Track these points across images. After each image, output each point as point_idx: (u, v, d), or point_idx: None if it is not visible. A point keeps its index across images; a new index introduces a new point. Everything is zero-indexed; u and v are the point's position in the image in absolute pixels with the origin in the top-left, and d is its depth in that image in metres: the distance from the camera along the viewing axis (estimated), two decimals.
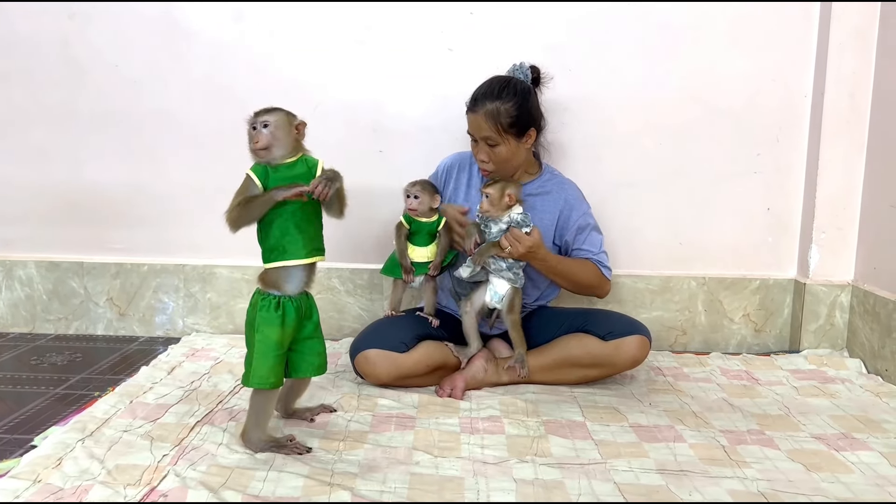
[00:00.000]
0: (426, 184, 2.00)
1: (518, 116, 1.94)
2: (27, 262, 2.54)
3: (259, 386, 1.52)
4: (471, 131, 1.97)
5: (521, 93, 1.96)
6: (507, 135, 1.93)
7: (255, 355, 1.51)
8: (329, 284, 2.49)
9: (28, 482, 1.38)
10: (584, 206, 2.07)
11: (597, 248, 2.05)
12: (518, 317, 1.97)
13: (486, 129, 1.92)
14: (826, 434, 1.70)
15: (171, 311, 2.54)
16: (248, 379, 1.53)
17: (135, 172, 2.48)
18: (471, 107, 1.96)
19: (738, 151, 2.41)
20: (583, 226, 2.05)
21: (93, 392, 1.94)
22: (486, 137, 1.94)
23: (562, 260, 2.00)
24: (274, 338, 1.52)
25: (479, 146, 1.96)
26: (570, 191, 2.08)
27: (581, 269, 2.02)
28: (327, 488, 1.39)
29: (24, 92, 2.46)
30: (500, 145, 1.94)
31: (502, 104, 1.92)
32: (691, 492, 1.41)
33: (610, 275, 2.06)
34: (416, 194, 1.97)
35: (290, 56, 2.39)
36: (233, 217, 1.51)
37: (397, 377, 1.93)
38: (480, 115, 1.92)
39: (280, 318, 1.52)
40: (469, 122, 1.97)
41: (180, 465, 1.47)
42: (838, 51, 2.27)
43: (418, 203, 1.96)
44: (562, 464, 1.52)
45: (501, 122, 1.92)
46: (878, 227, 2.26)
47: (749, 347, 2.48)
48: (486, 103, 1.92)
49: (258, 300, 1.54)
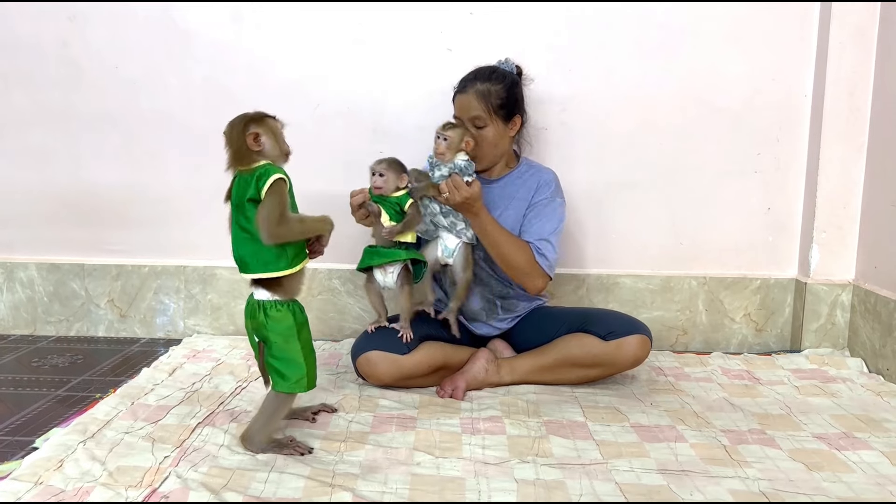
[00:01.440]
0: (392, 162, 1.89)
1: (507, 98, 1.97)
2: (28, 264, 2.54)
3: (312, 387, 1.55)
4: (458, 114, 1.98)
5: (510, 78, 2.01)
6: (496, 116, 1.96)
7: (306, 360, 1.53)
8: (330, 285, 2.49)
9: (29, 484, 1.38)
10: (548, 190, 2.02)
11: (539, 234, 1.97)
12: (471, 275, 1.96)
13: (475, 109, 1.95)
14: (827, 433, 1.70)
15: (171, 312, 2.54)
16: (300, 383, 1.52)
17: (135, 174, 2.48)
18: (459, 89, 1.99)
19: (739, 151, 2.41)
20: (537, 207, 2.00)
21: (94, 394, 1.94)
22: (474, 118, 1.95)
23: (497, 227, 1.93)
24: (310, 337, 1.57)
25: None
26: (544, 175, 2.06)
27: (513, 247, 1.93)
28: (328, 489, 1.39)
29: (23, 93, 2.46)
30: (489, 127, 1.96)
31: (492, 85, 1.96)
32: (692, 492, 1.41)
33: (547, 267, 1.95)
34: (381, 172, 1.86)
35: (289, 57, 2.39)
36: (287, 232, 1.47)
37: (399, 378, 1.93)
38: (471, 94, 1.95)
39: (306, 318, 1.56)
40: (457, 103, 1.99)
41: (181, 467, 1.47)
42: (838, 50, 2.27)
43: (383, 181, 1.86)
44: (563, 464, 1.52)
45: (492, 102, 1.95)
46: (878, 225, 2.26)
47: (750, 347, 2.48)
48: (477, 83, 1.96)
49: (284, 310, 1.52)
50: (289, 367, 1.52)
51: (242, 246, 1.50)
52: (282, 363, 1.52)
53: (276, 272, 1.49)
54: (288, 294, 1.54)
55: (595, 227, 2.45)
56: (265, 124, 1.49)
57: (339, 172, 2.28)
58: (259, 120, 1.49)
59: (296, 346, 1.52)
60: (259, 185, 1.43)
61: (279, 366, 1.53)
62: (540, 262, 1.95)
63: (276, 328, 1.52)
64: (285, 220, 1.46)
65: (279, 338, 1.52)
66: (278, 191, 1.45)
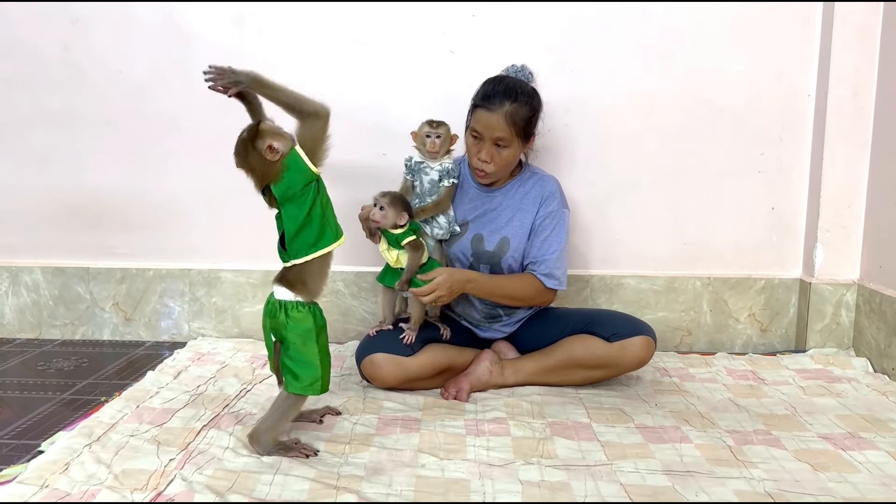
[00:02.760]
0: (396, 199, 1.87)
1: (531, 120, 1.94)
2: (33, 268, 2.55)
3: (326, 390, 1.55)
4: (479, 129, 1.92)
5: (536, 99, 1.97)
6: (518, 138, 1.93)
7: (322, 364, 1.54)
8: (334, 288, 2.49)
9: (35, 487, 1.39)
10: (554, 202, 2.01)
11: (546, 256, 1.98)
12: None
13: (500, 130, 1.90)
14: (832, 434, 1.70)
15: (176, 315, 2.55)
16: (315, 386, 1.53)
17: (138, 177, 2.49)
18: (485, 105, 1.91)
19: (742, 151, 2.40)
20: (545, 223, 2.00)
21: (99, 397, 1.95)
22: (498, 138, 1.91)
23: (494, 281, 1.96)
24: (328, 345, 1.57)
25: (485, 146, 1.93)
26: (549, 185, 2.04)
27: (518, 288, 1.98)
28: (333, 491, 1.39)
29: (26, 97, 2.47)
30: (510, 148, 1.93)
31: (520, 107, 1.91)
32: (697, 492, 1.40)
33: (557, 284, 1.99)
34: (382, 205, 1.85)
35: (291, 59, 2.39)
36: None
37: (403, 380, 1.93)
38: (500, 115, 1.88)
39: (325, 324, 1.57)
40: (481, 119, 1.91)
41: (187, 470, 1.47)
42: (841, 49, 2.27)
43: (382, 216, 1.85)
44: (567, 465, 1.52)
45: (517, 124, 1.90)
46: (882, 225, 2.25)
47: (755, 347, 2.47)
48: (506, 103, 1.89)
49: (305, 312, 1.53)
50: (304, 370, 1.53)
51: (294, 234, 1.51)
52: (297, 365, 1.53)
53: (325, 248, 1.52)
54: (310, 295, 1.55)
55: (599, 228, 2.45)
56: (266, 132, 1.48)
57: (341, 174, 2.28)
58: (258, 132, 1.48)
59: (313, 348, 1.53)
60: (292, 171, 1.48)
61: (294, 367, 1.53)
62: (549, 284, 1.99)
63: (296, 329, 1.52)
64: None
65: (298, 339, 1.53)
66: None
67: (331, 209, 1.56)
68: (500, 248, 2.00)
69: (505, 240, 2.00)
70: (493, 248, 2.01)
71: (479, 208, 2.04)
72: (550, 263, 1.98)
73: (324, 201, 1.53)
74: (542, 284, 1.99)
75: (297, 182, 1.48)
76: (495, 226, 2.02)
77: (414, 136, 2.02)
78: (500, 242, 2.00)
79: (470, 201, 2.06)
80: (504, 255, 2.00)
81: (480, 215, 2.04)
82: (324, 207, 1.53)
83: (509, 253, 2.00)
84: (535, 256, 2.00)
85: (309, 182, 1.49)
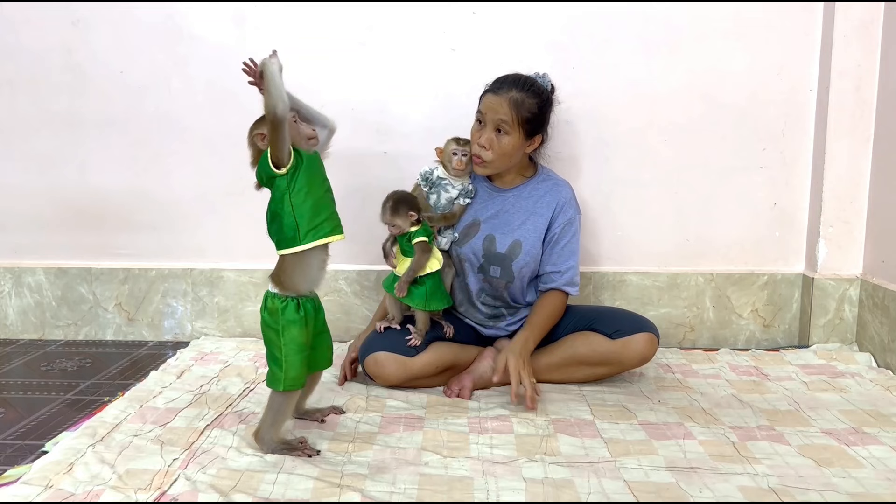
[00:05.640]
0: (394, 209, 1.89)
1: (537, 114, 1.94)
2: (36, 269, 2.55)
3: (291, 388, 1.53)
4: (484, 110, 1.94)
5: (546, 96, 1.98)
6: (520, 127, 1.93)
7: (286, 358, 1.51)
8: (336, 286, 2.49)
9: (40, 488, 1.39)
10: (571, 211, 2.03)
11: (566, 266, 2.01)
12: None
13: (503, 113, 1.91)
14: (836, 429, 1.70)
15: (179, 315, 2.55)
16: (279, 383, 1.52)
17: (140, 178, 2.49)
18: (494, 88, 1.95)
19: (744, 146, 2.40)
20: (564, 231, 2.02)
21: (103, 397, 1.95)
22: (500, 121, 1.91)
23: (536, 324, 1.96)
24: (301, 339, 1.53)
25: (485, 129, 1.94)
26: (564, 191, 2.05)
27: (550, 314, 2.00)
28: (337, 490, 1.39)
29: (28, 99, 2.47)
30: (510, 135, 1.93)
31: (528, 97, 1.92)
32: (701, 489, 1.40)
33: (576, 291, 2.03)
34: (391, 223, 1.91)
35: (292, 58, 2.35)
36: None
37: (407, 379, 1.93)
38: (504, 98, 1.91)
39: (303, 319, 1.53)
40: (486, 101, 1.94)
41: (190, 469, 1.47)
42: (843, 44, 2.26)
43: (398, 230, 1.91)
44: (571, 462, 1.52)
45: (521, 113, 1.91)
46: (885, 219, 2.25)
47: (758, 343, 2.47)
48: (514, 90, 1.92)
49: (277, 304, 1.52)
50: (272, 363, 1.54)
51: (268, 223, 1.54)
52: (268, 358, 1.55)
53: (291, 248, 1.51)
54: (285, 289, 1.53)
55: (601, 224, 2.45)
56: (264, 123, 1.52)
57: (344, 173, 2.28)
58: (259, 121, 1.55)
59: (279, 342, 1.52)
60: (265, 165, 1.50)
61: (267, 360, 1.55)
62: (572, 292, 2.03)
63: (267, 320, 1.54)
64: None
65: (268, 331, 1.54)
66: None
67: (309, 211, 1.51)
68: (511, 251, 2.00)
69: (517, 243, 2.00)
70: (504, 250, 2.00)
71: (492, 208, 2.04)
72: (572, 273, 2.02)
73: (296, 202, 1.50)
74: (566, 295, 2.02)
75: (263, 172, 1.50)
76: (508, 228, 2.02)
77: (439, 153, 2.02)
78: (512, 245, 2.00)
79: (481, 201, 2.06)
80: (515, 258, 2.00)
81: (493, 216, 2.04)
82: (295, 208, 1.50)
83: (520, 256, 1.99)
84: (557, 266, 2.01)
85: (272, 177, 1.50)
